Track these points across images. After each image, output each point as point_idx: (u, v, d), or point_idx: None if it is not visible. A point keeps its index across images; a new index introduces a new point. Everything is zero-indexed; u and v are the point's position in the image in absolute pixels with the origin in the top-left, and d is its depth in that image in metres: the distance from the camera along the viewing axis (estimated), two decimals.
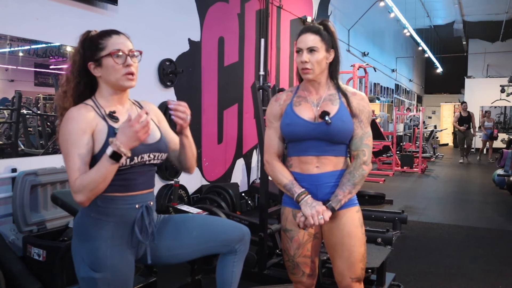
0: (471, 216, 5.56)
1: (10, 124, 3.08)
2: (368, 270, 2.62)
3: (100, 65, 1.54)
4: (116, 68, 1.52)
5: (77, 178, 1.42)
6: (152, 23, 4.15)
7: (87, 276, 1.49)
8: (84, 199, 1.43)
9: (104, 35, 1.56)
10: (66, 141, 1.46)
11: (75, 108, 1.52)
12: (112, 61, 1.52)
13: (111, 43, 1.53)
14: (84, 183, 1.41)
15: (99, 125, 1.50)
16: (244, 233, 1.76)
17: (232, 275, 1.75)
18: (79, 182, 1.41)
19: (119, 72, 1.52)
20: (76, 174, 1.43)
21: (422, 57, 20.23)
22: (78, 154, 1.45)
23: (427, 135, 12.03)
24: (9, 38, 2.97)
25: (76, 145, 1.45)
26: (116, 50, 1.52)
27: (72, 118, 1.48)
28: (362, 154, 1.77)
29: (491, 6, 14.02)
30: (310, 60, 1.73)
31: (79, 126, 1.47)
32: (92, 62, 1.54)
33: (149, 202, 1.62)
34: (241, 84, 5.71)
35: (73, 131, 1.46)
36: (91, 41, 1.56)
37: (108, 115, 1.54)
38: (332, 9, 9.06)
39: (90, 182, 1.41)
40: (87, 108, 1.52)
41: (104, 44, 1.54)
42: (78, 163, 1.44)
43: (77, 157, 1.44)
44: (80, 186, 1.41)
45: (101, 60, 1.53)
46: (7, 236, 2.86)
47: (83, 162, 1.45)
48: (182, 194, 4.39)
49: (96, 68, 1.55)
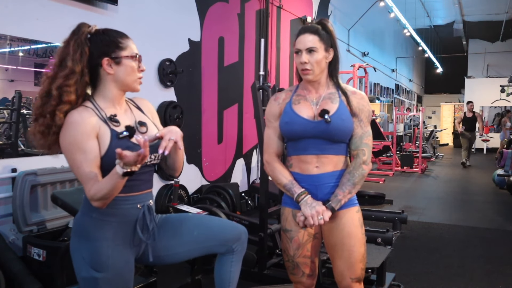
0: (471, 216, 5.56)
1: (10, 124, 3.07)
2: (368, 270, 2.62)
3: (118, 63, 1.53)
4: (135, 71, 1.56)
5: (92, 187, 1.42)
6: (152, 23, 4.15)
7: (88, 276, 1.49)
8: (100, 205, 1.45)
9: (121, 35, 1.56)
10: (72, 147, 1.43)
11: (76, 111, 1.47)
12: (134, 64, 1.55)
13: (131, 46, 1.56)
14: (100, 194, 1.41)
15: (101, 129, 1.49)
16: (241, 233, 1.77)
17: (230, 275, 1.76)
18: (94, 190, 1.42)
19: (136, 75, 1.57)
20: (90, 183, 1.43)
21: (422, 57, 20.23)
22: (89, 160, 1.43)
23: (427, 135, 12.03)
24: (9, 38, 2.97)
25: (85, 151, 1.43)
26: (137, 54, 1.57)
27: (76, 122, 1.44)
28: (362, 153, 1.77)
29: (491, 6, 14.02)
30: (310, 61, 1.73)
31: (84, 130, 1.44)
32: (109, 58, 1.52)
33: (149, 201, 1.63)
34: (241, 84, 5.71)
35: (78, 136, 1.43)
36: (109, 37, 1.54)
37: (109, 118, 1.52)
38: (332, 9, 9.06)
39: (105, 193, 1.41)
40: (88, 112, 1.49)
41: (125, 44, 1.54)
42: (92, 169, 1.43)
43: (88, 163, 1.43)
44: (96, 196, 1.42)
45: (121, 59, 1.53)
46: (7, 236, 2.86)
47: (95, 166, 1.44)
48: (182, 194, 4.39)
49: (111, 65, 1.52)
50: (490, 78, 17.07)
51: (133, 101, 1.71)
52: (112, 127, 1.51)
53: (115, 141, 1.48)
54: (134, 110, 1.66)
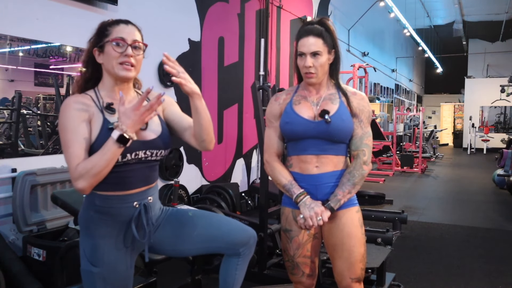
0: (471, 216, 5.56)
1: (10, 124, 3.07)
2: (368, 270, 2.62)
3: (102, 51, 1.52)
4: (113, 56, 1.49)
5: (79, 164, 1.40)
6: (152, 23, 4.15)
7: (85, 269, 1.52)
8: (86, 185, 1.39)
9: (114, 23, 1.54)
10: (65, 128, 1.45)
11: (73, 96, 1.52)
12: (111, 47, 1.49)
13: (116, 31, 1.51)
14: (88, 167, 1.38)
15: (95, 115, 1.49)
16: (250, 237, 1.71)
17: (234, 278, 1.74)
18: (81, 167, 1.39)
19: (116, 60, 1.49)
20: (77, 160, 1.40)
21: (422, 57, 20.23)
22: (78, 141, 1.43)
23: (427, 135, 12.04)
24: (9, 38, 2.97)
25: (75, 131, 1.44)
26: (118, 38, 1.50)
27: (69, 105, 1.47)
28: (362, 154, 1.77)
29: (491, 6, 14.02)
30: (314, 65, 1.72)
31: (77, 113, 1.45)
32: (97, 49, 1.53)
33: (148, 199, 1.59)
34: (241, 84, 5.71)
35: (71, 118, 1.45)
36: (100, 27, 1.54)
37: (106, 107, 1.51)
38: (332, 9, 9.06)
39: (93, 166, 1.38)
40: (85, 98, 1.51)
41: (110, 31, 1.52)
42: (79, 150, 1.42)
43: (77, 144, 1.42)
44: (83, 171, 1.38)
45: (104, 46, 1.51)
46: (7, 236, 2.86)
47: (83, 148, 1.43)
48: (182, 194, 4.39)
49: (99, 54, 1.53)
50: (490, 78, 17.08)
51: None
52: (106, 116, 1.50)
53: (105, 131, 1.46)
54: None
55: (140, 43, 1.54)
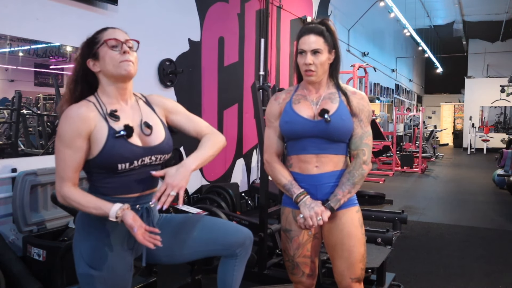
0: (471, 216, 5.56)
1: (10, 124, 3.08)
2: (368, 270, 2.62)
3: (97, 58, 1.51)
4: (112, 56, 1.49)
5: (67, 188, 1.46)
6: (152, 23, 4.15)
7: (84, 272, 1.50)
8: (62, 201, 1.49)
9: (100, 30, 1.55)
10: (60, 141, 1.46)
11: (75, 105, 1.49)
12: (107, 49, 1.50)
13: (106, 35, 1.52)
14: (71, 199, 1.46)
15: (98, 125, 1.48)
16: (246, 238, 1.72)
17: (232, 279, 1.74)
18: (66, 193, 1.46)
19: (116, 59, 1.49)
20: (65, 183, 1.47)
21: (422, 57, 20.22)
22: (72, 159, 1.46)
23: (427, 135, 12.03)
24: (9, 38, 2.97)
25: (71, 147, 1.45)
26: (111, 38, 1.51)
27: (70, 117, 1.46)
28: (362, 153, 1.77)
29: (491, 6, 14.02)
30: (314, 62, 1.72)
31: (76, 127, 1.45)
32: (91, 59, 1.52)
33: (150, 203, 1.59)
34: (241, 84, 5.71)
35: (68, 131, 1.45)
36: (87, 40, 1.55)
37: (110, 114, 1.51)
38: (332, 9, 9.05)
39: (76, 203, 1.46)
40: (88, 107, 1.49)
41: (100, 38, 1.52)
42: (70, 171, 1.46)
43: (69, 163, 1.46)
44: (66, 196, 1.47)
45: (97, 53, 1.51)
46: (7, 236, 2.86)
47: (74, 169, 1.47)
48: None
49: (94, 63, 1.52)
50: (490, 78, 17.08)
51: (145, 97, 1.69)
52: (111, 124, 1.49)
53: (112, 139, 1.46)
54: (143, 107, 1.63)
55: (133, 40, 1.56)
